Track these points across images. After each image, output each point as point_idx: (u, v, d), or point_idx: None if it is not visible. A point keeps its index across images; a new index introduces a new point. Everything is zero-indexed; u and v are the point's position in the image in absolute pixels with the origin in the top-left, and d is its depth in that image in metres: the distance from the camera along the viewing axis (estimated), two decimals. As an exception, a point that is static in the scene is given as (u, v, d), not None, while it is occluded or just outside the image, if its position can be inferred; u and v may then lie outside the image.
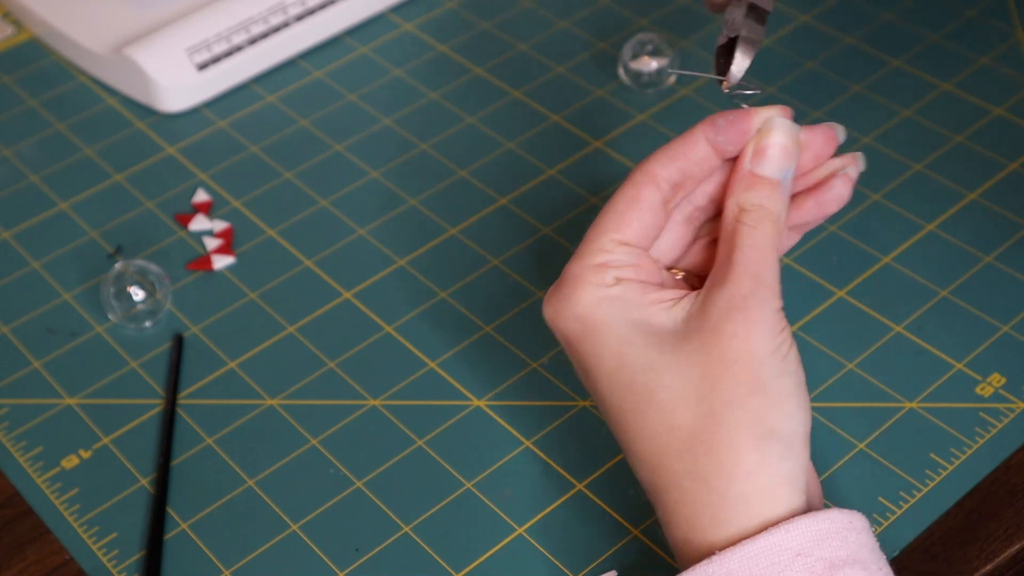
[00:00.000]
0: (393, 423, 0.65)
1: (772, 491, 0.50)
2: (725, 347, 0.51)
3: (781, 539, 0.49)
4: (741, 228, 0.54)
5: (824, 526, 0.50)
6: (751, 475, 0.50)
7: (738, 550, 0.49)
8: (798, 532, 0.49)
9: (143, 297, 0.70)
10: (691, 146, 0.55)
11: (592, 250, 0.55)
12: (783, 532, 0.49)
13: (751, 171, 0.55)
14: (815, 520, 0.50)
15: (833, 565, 0.49)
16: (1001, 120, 0.78)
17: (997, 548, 0.59)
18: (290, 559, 0.60)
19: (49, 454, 0.65)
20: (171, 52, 0.82)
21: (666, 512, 0.52)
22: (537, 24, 0.87)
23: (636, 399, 0.52)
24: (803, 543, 0.49)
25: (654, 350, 0.52)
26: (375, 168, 0.78)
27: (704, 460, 0.51)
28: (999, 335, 0.67)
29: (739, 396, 0.51)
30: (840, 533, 0.50)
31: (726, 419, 0.51)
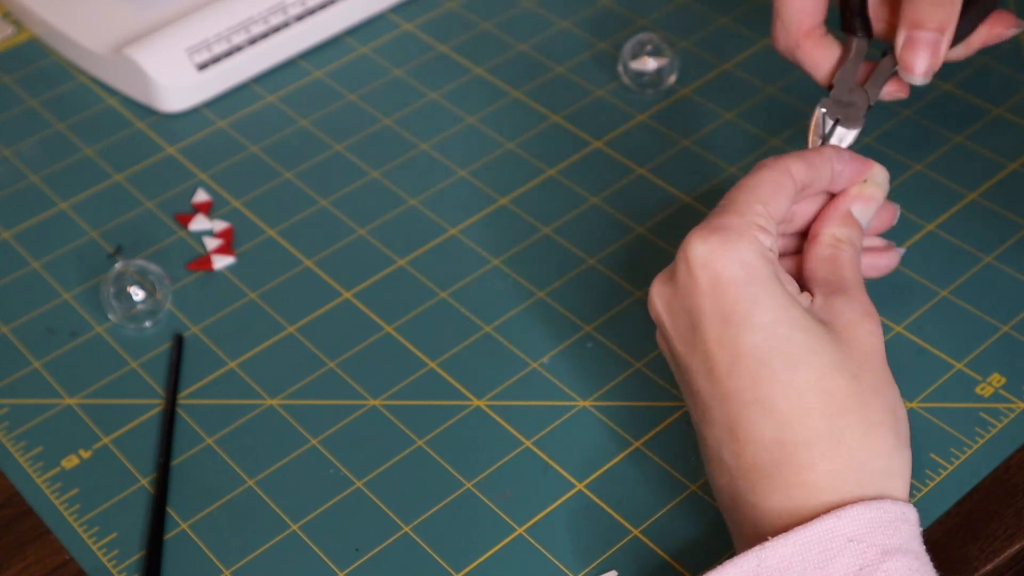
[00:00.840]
0: (393, 423, 0.65)
1: (902, 477, 0.53)
2: (865, 342, 0.54)
3: (834, 525, 0.50)
4: (843, 254, 0.59)
5: (877, 514, 0.51)
6: (889, 457, 0.53)
7: (791, 536, 0.50)
8: (851, 518, 0.50)
9: (143, 297, 0.70)
10: (821, 161, 0.60)
11: (753, 212, 0.56)
12: (835, 518, 0.50)
13: (850, 212, 0.60)
14: (868, 508, 0.51)
15: (886, 552, 0.50)
16: (1001, 120, 0.78)
17: (997, 548, 0.59)
18: (290, 559, 0.60)
19: (49, 454, 0.65)
20: (171, 52, 0.82)
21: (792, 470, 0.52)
22: (537, 24, 0.87)
23: (793, 353, 0.53)
24: (856, 529, 0.50)
25: (811, 319, 0.54)
26: (375, 168, 0.78)
27: (852, 431, 0.52)
28: (999, 335, 0.67)
29: (881, 385, 0.54)
30: (893, 523, 0.51)
31: (872, 401, 0.53)
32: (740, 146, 0.77)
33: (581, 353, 0.68)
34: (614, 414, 0.65)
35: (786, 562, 0.50)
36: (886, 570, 0.49)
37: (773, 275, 0.54)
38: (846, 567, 0.49)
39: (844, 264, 0.58)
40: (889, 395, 0.54)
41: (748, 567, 0.50)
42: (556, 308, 0.70)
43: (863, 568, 0.49)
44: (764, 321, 0.53)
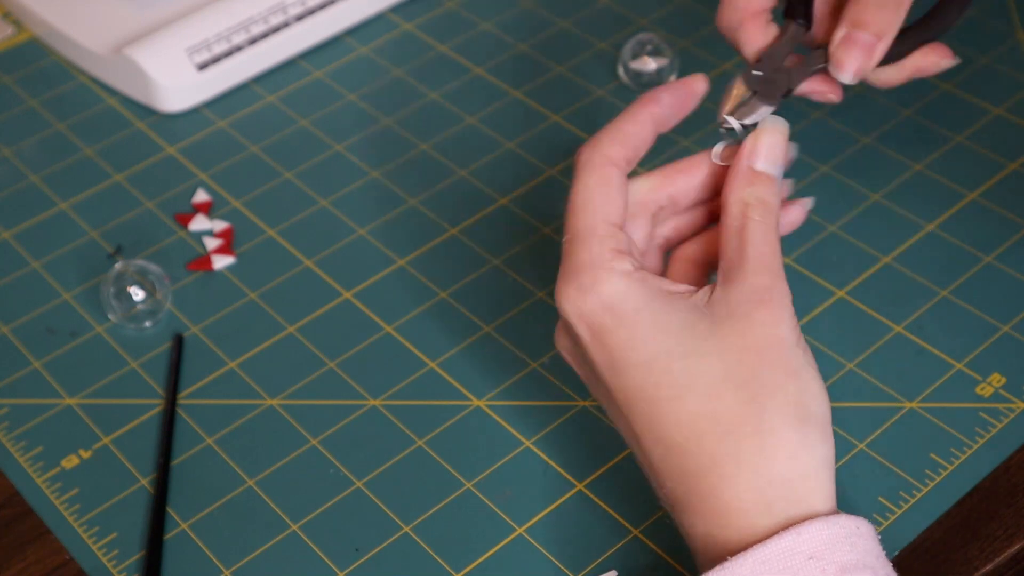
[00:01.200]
0: (393, 423, 0.65)
1: (815, 474, 0.51)
2: (759, 335, 0.52)
3: (793, 542, 0.50)
4: (749, 223, 0.55)
5: (835, 530, 0.50)
6: (794, 458, 0.51)
7: (751, 554, 0.50)
8: (809, 535, 0.50)
9: (143, 297, 0.70)
10: (641, 123, 0.57)
11: (598, 237, 0.55)
12: (794, 535, 0.50)
13: (751, 167, 0.57)
14: (826, 524, 0.50)
15: (844, 569, 0.49)
16: (1001, 120, 0.78)
17: (997, 548, 0.59)
18: (290, 559, 0.60)
19: (49, 454, 0.65)
20: (171, 52, 0.82)
21: (700, 499, 0.52)
22: (537, 24, 0.87)
23: (675, 385, 0.52)
24: (815, 547, 0.50)
25: (689, 337, 0.53)
26: (375, 168, 0.78)
27: (748, 443, 0.51)
28: (999, 335, 0.67)
29: (778, 381, 0.52)
30: (849, 538, 0.50)
31: (768, 403, 0.52)
32: (740, 146, 0.77)
33: (581, 353, 0.68)
34: (614, 414, 0.65)
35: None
36: None
37: (642, 303, 0.53)
38: None
39: (750, 235, 0.55)
40: (790, 388, 0.52)
41: None
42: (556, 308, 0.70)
43: None
44: (641, 361, 0.53)
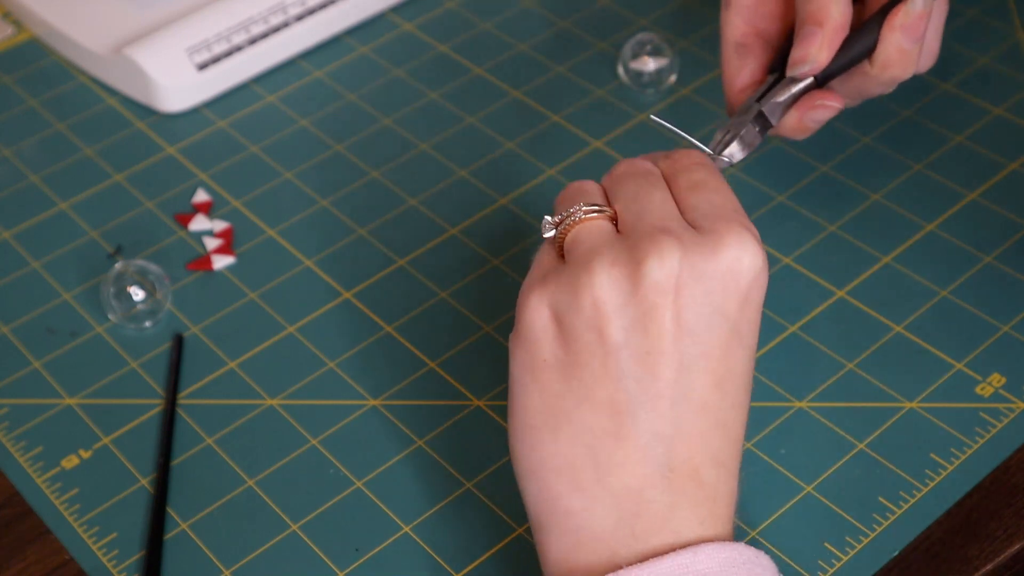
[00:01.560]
0: (393, 423, 0.65)
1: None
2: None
3: (690, 560, 0.49)
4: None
5: (731, 554, 0.50)
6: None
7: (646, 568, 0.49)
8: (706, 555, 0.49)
9: (143, 297, 0.70)
10: None
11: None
12: (691, 554, 0.49)
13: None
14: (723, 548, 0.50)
15: None
16: (1001, 120, 0.78)
17: (997, 548, 0.59)
18: (290, 559, 0.60)
19: (49, 454, 0.65)
20: (171, 52, 0.82)
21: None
22: (537, 24, 0.87)
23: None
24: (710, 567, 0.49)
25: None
26: (375, 168, 0.78)
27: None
28: (999, 335, 0.67)
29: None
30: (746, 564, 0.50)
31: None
32: (740, 146, 0.77)
33: (581, 353, 0.68)
34: (614, 414, 0.65)
35: None
36: None
37: None
38: None
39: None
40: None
41: None
42: (556, 308, 0.70)
43: None
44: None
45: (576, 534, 0.51)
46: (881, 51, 0.63)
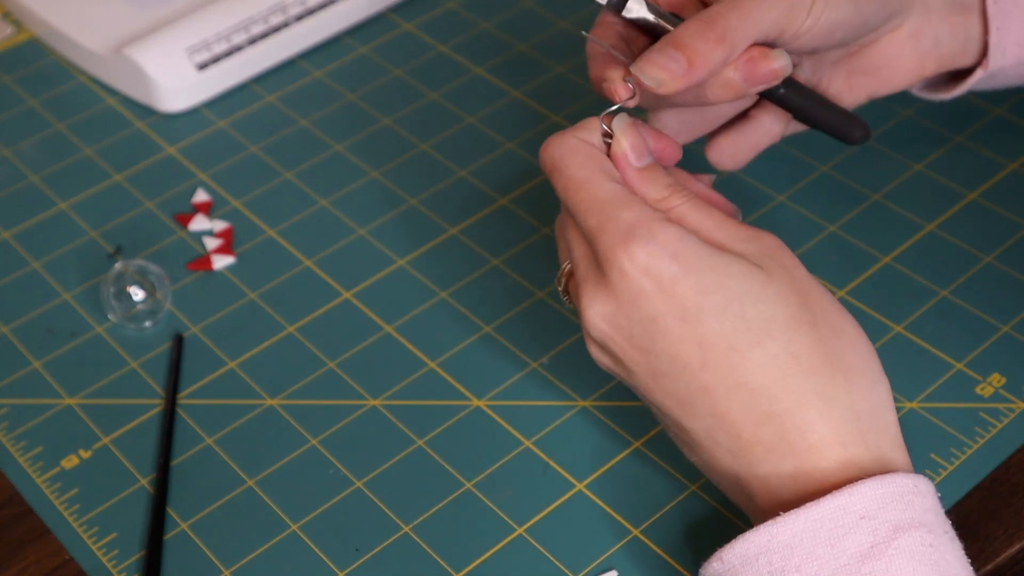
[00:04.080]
0: (393, 423, 0.65)
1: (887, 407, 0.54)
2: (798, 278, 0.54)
3: (846, 502, 0.50)
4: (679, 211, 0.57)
5: (889, 489, 0.51)
6: (871, 392, 0.53)
7: (803, 512, 0.50)
8: (862, 495, 0.50)
9: (143, 297, 0.70)
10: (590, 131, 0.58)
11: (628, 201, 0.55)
12: (847, 495, 0.50)
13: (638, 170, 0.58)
14: (880, 484, 0.50)
15: (897, 528, 0.50)
16: (1001, 120, 0.78)
17: (997, 548, 0.59)
18: (290, 559, 0.60)
19: (49, 454, 0.65)
20: (171, 52, 0.82)
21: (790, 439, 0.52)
22: (537, 24, 0.87)
23: (754, 329, 0.53)
24: (867, 506, 0.50)
25: (754, 282, 0.53)
26: (375, 168, 0.78)
27: (833, 380, 0.53)
28: (999, 335, 0.67)
29: (836, 321, 0.54)
30: (905, 497, 0.51)
31: (836, 342, 0.53)
32: (740, 146, 0.77)
33: (581, 353, 0.68)
34: (614, 414, 0.65)
35: (797, 538, 0.50)
36: (898, 547, 0.49)
37: (702, 248, 0.54)
38: (858, 544, 0.49)
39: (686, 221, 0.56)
40: (848, 327, 0.54)
41: (760, 541, 0.50)
42: (556, 308, 0.70)
43: (875, 545, 0.49)
44: (716, 306, 0.53)
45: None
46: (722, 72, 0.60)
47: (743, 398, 0.53)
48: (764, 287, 0.53)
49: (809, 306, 0.54)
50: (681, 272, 0.53)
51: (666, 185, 0.57)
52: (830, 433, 0.52)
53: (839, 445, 0.52)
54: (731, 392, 0.53)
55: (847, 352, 0.53)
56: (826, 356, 0.53)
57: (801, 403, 0.52)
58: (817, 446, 0.52)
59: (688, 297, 0.53)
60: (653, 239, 0.53)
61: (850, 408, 0.52)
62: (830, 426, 0.52)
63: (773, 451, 0.53)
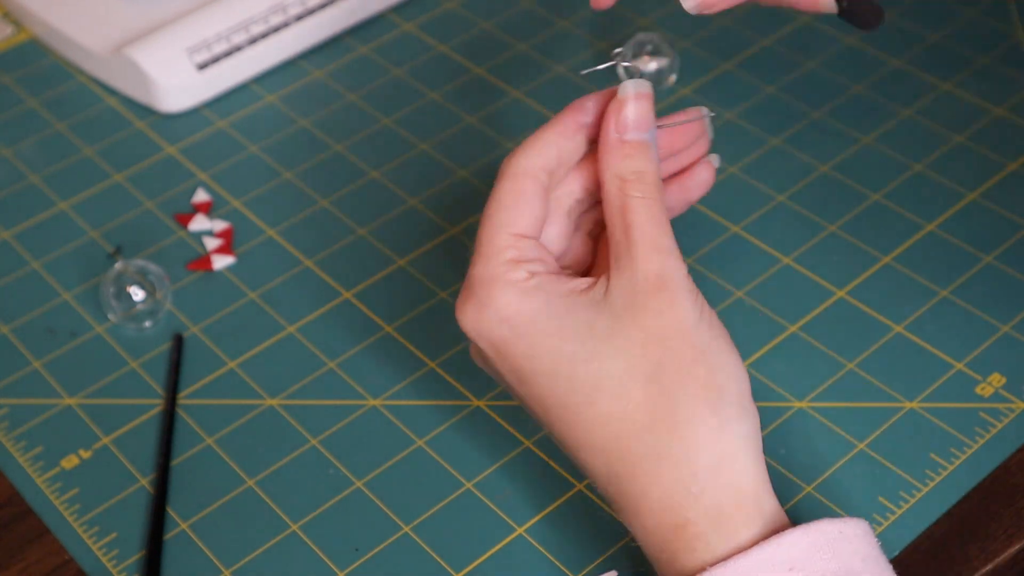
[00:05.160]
0: (393, 423, 0.65)
1: (735, 456, 0.51)
2: (658, 324, 0.52)
3: (773, 553, 0.49)
4: (630, 202, 0.54)
5: (814, 538, 0.50)
6: (714, 443, 0.51)
7: (729, 565, 0.49)
8: (789, 545, 0.49)
9: (143, 297, 0.70)
10: (563, 134, 0.56)
11: (497, 249, 0.54)
12: (774, 547, 0.49)
13: (620, 139, 0.55)
14: (805, 533, 0.50)
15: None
16: (1001, 120, 0.78)
17: (997, 548, 0.59)
18: (290, 559, 0.60)
19: (49, 454, 0.65)
20: (171, 52, 0.82)
21: (633, 500, 0.52)
22: (537, 24, 0.87)
23: (583, 390, 0.52)
24: (795, 556, 0.49)
25: (590, 339, 0.52)
26: (375, 168, 0.78)
27: (667, 438, 0.51)
28: (999, 335, 0.67)
29: (684, 367, 0.51)
30: (830, 545, 0.50)
31: (678, 393, 0.51)
32: (740, 146, 0.77)
33: (581, 353, 0.68)
34: (614, 414, 0.65)
35: None
36: None
37: (538, 311, 0.53)
38: None
39: (633, 215, 0.53)
40: (699, 372, 0.51)
41: None
42: (556, 308, 0.70)
43: None
44: (545, 370, 0.53)
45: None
46: None
47: (587, 456, 0.53)
48: (601, 342, 0.52)
49: (653, 356, 0.52)
50: (511, 336, 0.53)
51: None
52: (663, 496, 0.51)
53: (670, 509, 0.51)
54: (577, 449, 0.53)
55: (691, 400, 0.51)
56: (662, 412, 0.51)
57: (634, 467, 0.51)
58: (652, 510, 0.51)
59: (521, 359, 0.53)
60: (485, 302, 0.54)
61: (688, 466, 0.51)
62: (661, 488, 0.51)
63: (624, 512, 0.53)
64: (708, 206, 0.74)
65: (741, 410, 0.52)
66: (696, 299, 0.53)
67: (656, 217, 0.54)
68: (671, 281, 0.52)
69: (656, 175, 0.55)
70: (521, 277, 0.54)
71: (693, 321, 0.52)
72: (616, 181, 0.54)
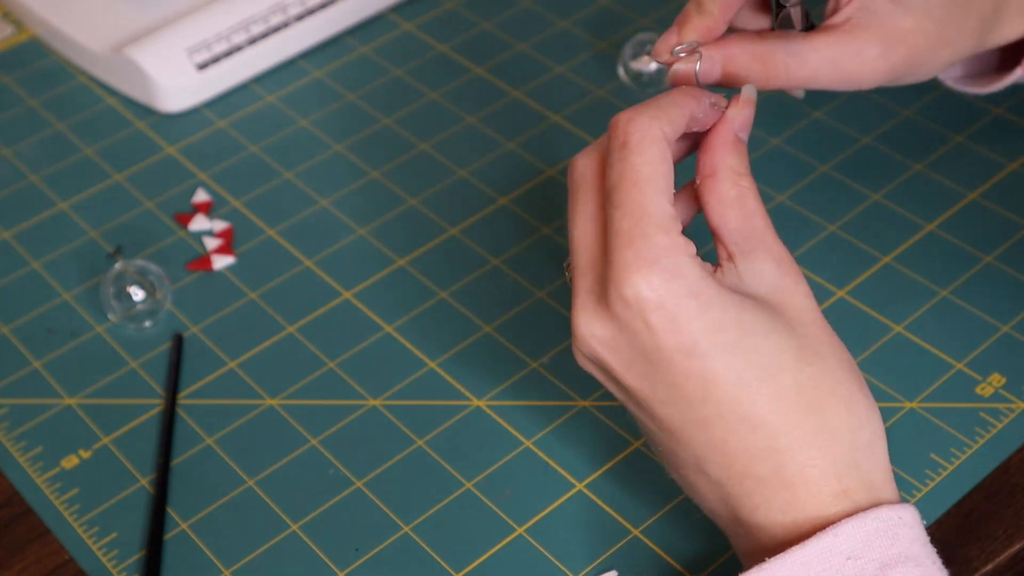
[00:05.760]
0: (393, 423, 0.65)
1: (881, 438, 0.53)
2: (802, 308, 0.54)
3: (831, 543, 0.49)
4: (747, 194, 0.56)
5: (874, 526, 0.50)
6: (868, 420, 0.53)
7: (789, 556, 0.49)
8: (847, 535, 0.50)
9: (143, 297, 0.70)
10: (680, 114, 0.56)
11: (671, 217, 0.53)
12: (831, 536, 0.49)
13: (738, 137, 0.57)
14: (864, 521, 0.50)
15: (885, 565, 0.49)
16: (1001, 120, 0.78)
17: (997, 548, 0.59)
18: (290, 559, 0.60)
19: (49, 454, 0.65)
20: (171, 52, 0.82)
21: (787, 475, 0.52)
22: (537, 24, 0.87)
23: (763, 363, 0.52)
24: (853, 546, 0.49)
25: (765, 316, 0.53)
26: (375, 168, 0.78)
27: (835, 412, 0.52)
28: (999, 335, 0.67)
29: (836, 351, 0.53)
30: (890, 531, 0.50)
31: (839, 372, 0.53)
32: (740, 146, 0.77)
33: (581, 353, 0.68)
34: (614, 414, 0.65)
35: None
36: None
37: (717, 287, 0.52)
38: None
39: (753, 208, 0.55)
40: (845, 356, 0.54)
41: None
42: (556, 308, 0.70)
43: None
44: (730, 341, 0.52)
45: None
46: None
47: (744, 432, 0.52)
48: (773, 320, 0.53)
49: (812, 336, 0.53)
50: (698, 309, 0.52)
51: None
52: (829, 467, 0.51)
53: (835, 478, 0.51)
54: (733, 425, 0.52)
55: (847, 379, 0.53)
56: (833, 387, 0.52)
57: (804, 440, 0.52)
58: (814, 480, 0.51)
59: (702, 334, 0.52)
60: (675, 275, 0.52)
61: (850, 441, 0.52)
62: (829, 460, 0.51)
63: (765, 485, 0.52)
64: (708, 206, 0.74)
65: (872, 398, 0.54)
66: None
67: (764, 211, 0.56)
68: (797, 269, 0.55)
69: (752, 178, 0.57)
70: (694, 251, 0.53)
71: (819, 311, 0.55)
72: (731, 175, 0.56)
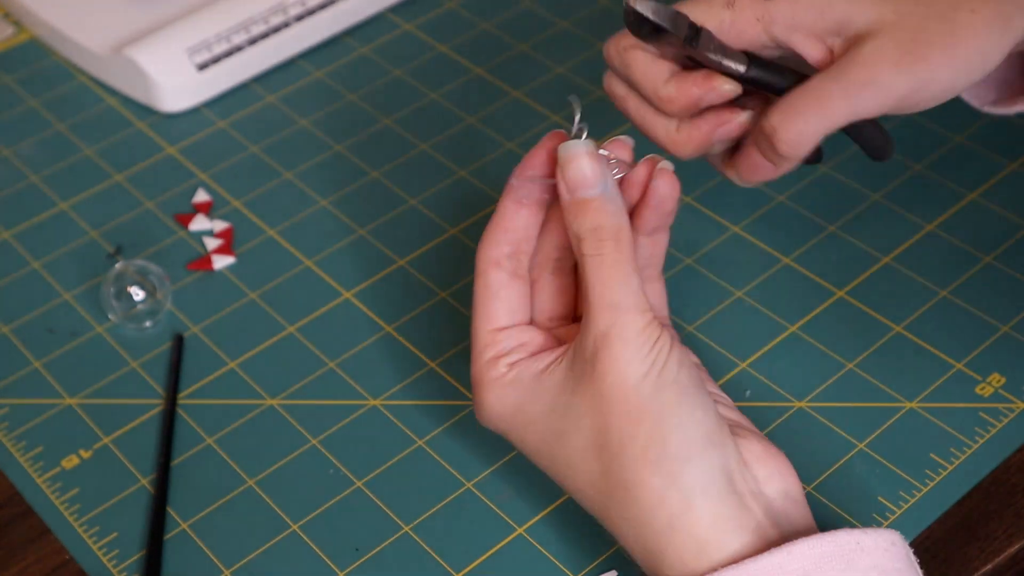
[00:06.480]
0: (393, 423, 0.65)
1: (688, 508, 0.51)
2: (599, 389, 0.53)
3: (783, 560, 0.49)
4: (583, 261, 0.54)
5: (829, 548, 0.50)
6: (659, 505, 0.52)
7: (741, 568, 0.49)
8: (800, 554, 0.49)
9: (143, 297, 0.70)
10: (510, 216, 0.58)
11: (479, 349, 0.57)
12: (784, 554, 0.49)
13: (571, 199, 0.55)
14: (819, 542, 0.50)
15: None
16: (1001, 120, 0.78)
17: (997, 548, 0.59)
18: (290, 559, 0.60)
19: (49, 454, 0.65)
20: (171, 52, 0.82)
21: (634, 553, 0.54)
22: (537, 24, 0.87)
23: (560, 468, 0.55)
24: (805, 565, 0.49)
25: (557, 418, 0.55)
26: (375, 168, 0.78)
27: (627, 504, 0.53)
28: (999, 335, 0.67)
29: (627, 431, 0.52)
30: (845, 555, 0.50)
31: (625, 459, 0.52)
32: (740, 146, 0.77)
33: (581, 353, 0.68)
34: (614, 414, 0.65)
35: None
36: None
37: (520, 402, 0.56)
38: None
39: (587, 274, 0.54)
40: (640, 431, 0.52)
41: None
42: (556, 308, 0.70)
43: None
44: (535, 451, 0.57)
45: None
46: None
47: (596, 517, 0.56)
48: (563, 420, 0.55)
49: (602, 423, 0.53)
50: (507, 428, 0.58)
51: None
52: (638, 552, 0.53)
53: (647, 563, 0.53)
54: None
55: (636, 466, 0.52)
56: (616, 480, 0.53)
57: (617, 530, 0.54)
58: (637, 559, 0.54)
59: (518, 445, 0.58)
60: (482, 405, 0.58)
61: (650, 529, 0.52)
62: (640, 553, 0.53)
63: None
64: (708, 206, 0.74)
65: (683, 462, 0.51)
66: (645, 354, 0.52)
67: (608, 273, 0.53)
68: (615, 338, 0.52)
69: (615, 226, 0.54)
70: (501, 373, 0.57)
71: (636, 378, 0.52)
72: (575, 241, 0.55)
